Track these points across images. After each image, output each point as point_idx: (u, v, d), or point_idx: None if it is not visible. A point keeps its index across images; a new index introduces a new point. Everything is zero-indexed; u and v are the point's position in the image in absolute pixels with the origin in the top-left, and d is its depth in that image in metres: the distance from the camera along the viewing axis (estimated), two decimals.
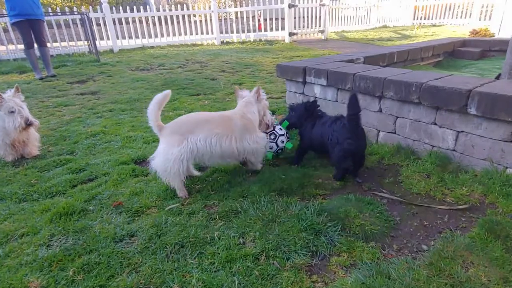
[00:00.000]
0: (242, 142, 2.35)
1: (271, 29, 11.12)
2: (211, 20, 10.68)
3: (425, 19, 15.08)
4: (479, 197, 2.07)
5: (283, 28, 11.01)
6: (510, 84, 2.20)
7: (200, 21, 10.66)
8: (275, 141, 2.71)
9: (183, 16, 10.38)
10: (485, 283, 1.44)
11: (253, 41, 11.03)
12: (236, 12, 11.28)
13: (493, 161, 2.18)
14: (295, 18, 11.01)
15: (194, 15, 10.80)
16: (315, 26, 11.61)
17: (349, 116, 2.20)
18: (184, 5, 11.51)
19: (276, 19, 10.97)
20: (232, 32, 11.10)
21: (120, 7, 9.44)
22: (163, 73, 6.79)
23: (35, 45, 6.50)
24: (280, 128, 2.75)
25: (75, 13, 8.54)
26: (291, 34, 10.86)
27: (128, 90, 5.54)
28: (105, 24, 9.15)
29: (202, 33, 10.76)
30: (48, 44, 7.29)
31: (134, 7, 9.57)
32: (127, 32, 9.67)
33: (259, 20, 11.43)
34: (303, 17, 11.23)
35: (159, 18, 10.01)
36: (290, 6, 10.52)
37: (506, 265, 1.54)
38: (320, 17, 11.52)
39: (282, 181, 2.34)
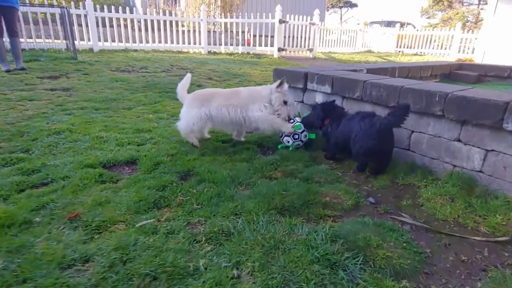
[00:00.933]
0: (247, 111, 2.72)
1: (260, 45, 10.92)
2: (199, 30, 10.36)
3: (407, 47, 15.53)
4: None
5: (272, 45, 10.85)
6: None
7: (188, 30, 10.32)
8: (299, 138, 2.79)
9: (171, 23, 10.00)
10: None
11: (241, 53, 10.76)
12: (226, 23, 11.04)
13: None
14: (285, 37, 10.91)
15: (183, 24, 10.46)
16: (304, 46, 11.56)
17: (385, 120, 2.09)
18: (173, 12, 11.17)
19: (266, 36, 10.79)
20: (220, 44, 10.81)
21: (105, 6, 8.96)
22: (146, 76, 6.32)
23: (5, 35, 5.89)
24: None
25: (55, 6, 7.98)
26: (280, 50, 10.71)
27: (105, 90, 5.02)
28: (87, 25, 8.61)
29: (189, 43, 10.40)
30: (22, 40, 6.67)
31: (120, 7, 9.10)
32: (110, 35, 9.15)
33: (248, 36, 11.25)
34: (293, 37, 11.16)
35: (145, 22, 9.54)
36: (281, 21, 10.42)
37: None
38: (309, 36, 11.49)
39: (282, 197, 1.93)
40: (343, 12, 41.80)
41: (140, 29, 9.58)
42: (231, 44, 10.96)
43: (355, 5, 41.06)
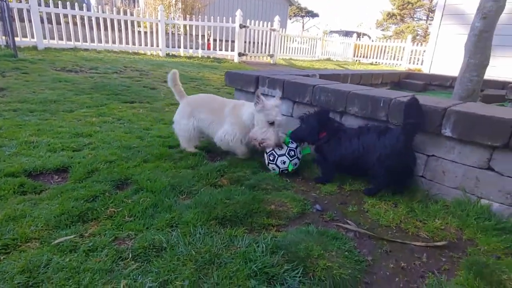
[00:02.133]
0: (220, 128, 2.54)
1: (221, 49, 10.79)
2: (157, 31, 10.02)
3: (364, 57, 16.27)
4: (456, 231, 1.78)
5: (232, 50, 10.78)
6: (483, 105, 2.01)
7: (145, 32, 9.94)
8: (274, 162, 2.36)
9: (126, 22, 9.57)
10: None
11: (201, 57, 10.57)
12: (185, 26, 10.80)
13: (466, 191, 1.93)
14: (246, 42, 10.90)
15: (139, 25, 10.05)
16: (265, 51, 11.63)
17: (406, 125, 1.95)
18: (128, 11, 10.71)
19: (227, 41, 10.71)
20: (179, 47, 10.53)
21: (51, 1, 8.34)
22: (94, 77, 5.93)
23: None
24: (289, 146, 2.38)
25: None
26: (240, 54, 10.67)
27: (45, 90, 4.60)
28: (30, 21, 7.94)
29: (146, 44, 10.00)
30: None
31: (68, 3, 8.51)
32: (58, 33, 8.52)
33: (208, 40, 11.08)
34: (253, 42, 11.19)
35: (97, 20, 9.02)
36: (241, 26, 10.40)
37: None
38: (270, 42, 11.59)
39: (225, 207, 1.82)
40: (305, 21, 43.03)
41: (92, 27, 9.03)
42: (191, 48, 10.73)
43: (316, 15, 42.42)
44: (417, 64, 13.86)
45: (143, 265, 1.36)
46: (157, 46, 10.18)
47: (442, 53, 7.94)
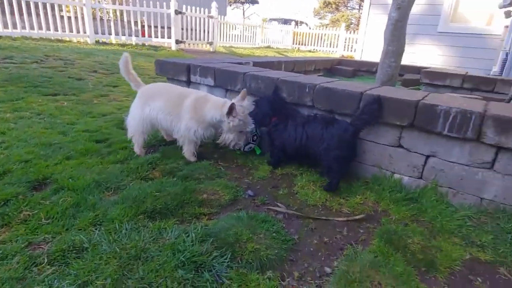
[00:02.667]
0: (180, 122, 2.34)
1: (157, 36, 10.28)
2: (83, 16, 9.19)
3: (302, 44, 16.79)
4: (373, 205, 1.96)
5: (169, 37, 10.32)
6: (396, 89, 2.21)
7: (69, 17, 9.04)
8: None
9: (45, 5, 8.61)
10: None
11: (135, 44, 9.95)
12: (115, 11, 10.06)
13: (382, 167, 2.13)
14: (183, 29, 10.51)
15: (61, 8, 9.11)
16: (204, 39, 11.38)
17: (357, 120, 1.99)
18: None
19: (162, 27, 10.20)
20: (110, 33, 9.79)
21: None
22: (9, 67, 5.28)
23: None
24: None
25: None
26: (178, 42, 10.29)
27: None
28: None
29: (71, 30, 9.12)
30: None
31: None
32: None
33: (143, 26, 10.47)
34: (191, 29, 10.86)
35: (10, 1, 7.96)
36: (177, 12, 9.98)
37: (411, 281, 1.36)
38: (209, 29, 11.35)
39: (155, 200, 1.78)
40: (245, 7, 42.80)
41: (4, 12, 7.98)
42: (123, 34, 10.05)
43: (256, 1, 42.41)
44: (351, 51, 14.70)
45: (60, 268, 1.28)
46: (84, 32, 9.34)
47: (371, 41, 8.51)
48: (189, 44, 10.92)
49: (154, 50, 9.74)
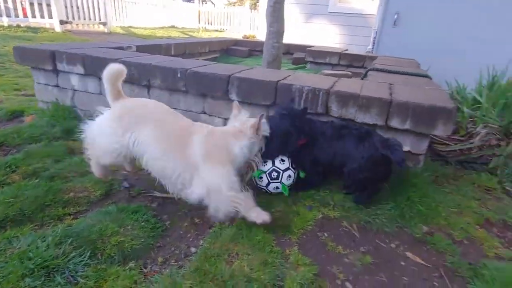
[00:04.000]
0: (194, 175, 1.62)
1: (35, 16, 8.87)
2: None
3: (208, 24, 16.48)
4: None
5: (51, 16, 9.03)
6: (265, 71, 2.35)
7: None
8: (279, 180, 1.88)
9: None
10: (248, 273, 1.35)
11: (8, 26, 8.50)
12: None
13: None
14: (66, 7, 9.27)
15: None
16: (96, 18, 10.29)
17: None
18: None
19: (40, 4, 8.87)
20: None
21: None
22: None
23: None
24: (281, 160, 1.89)
25: None
26: (62, 22, 9.08)
27: None
28: None
29: None
30: None
31: None
32: None
33: (22, 4, 8.92)
34: (79, 7, 9.67)
35: None
36: None
37: (266, 246, 1.53)
38: (100, 7, 10.28)
39: (7, 208, 1.61)
40: None
41: None
42: None
43: None
44: (256, 30, 14.99)
45: None
46: None
47: (265, 21, 8.80)
48: (77, 24, 9.77)
49: (34, 32, 8.46)
